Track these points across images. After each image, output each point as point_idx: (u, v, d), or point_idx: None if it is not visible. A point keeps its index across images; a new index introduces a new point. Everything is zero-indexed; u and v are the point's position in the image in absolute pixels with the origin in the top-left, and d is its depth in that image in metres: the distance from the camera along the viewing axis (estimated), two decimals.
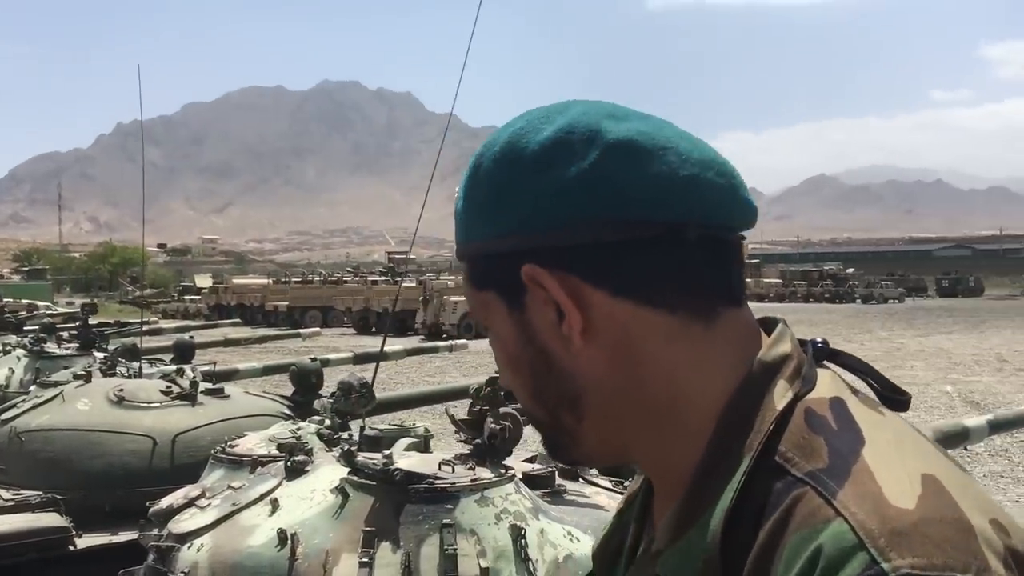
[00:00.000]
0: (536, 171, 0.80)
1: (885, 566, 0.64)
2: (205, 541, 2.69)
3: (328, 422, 3.57)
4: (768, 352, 0.81)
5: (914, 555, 0.64)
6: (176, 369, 5.85)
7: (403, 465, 2.68)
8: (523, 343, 0.85)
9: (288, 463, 2.85)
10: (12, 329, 10.44)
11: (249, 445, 3.42)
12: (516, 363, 0.87)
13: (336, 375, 7.23)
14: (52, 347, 7.95)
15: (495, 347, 0.89)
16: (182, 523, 2.81)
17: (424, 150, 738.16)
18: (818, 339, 0.84)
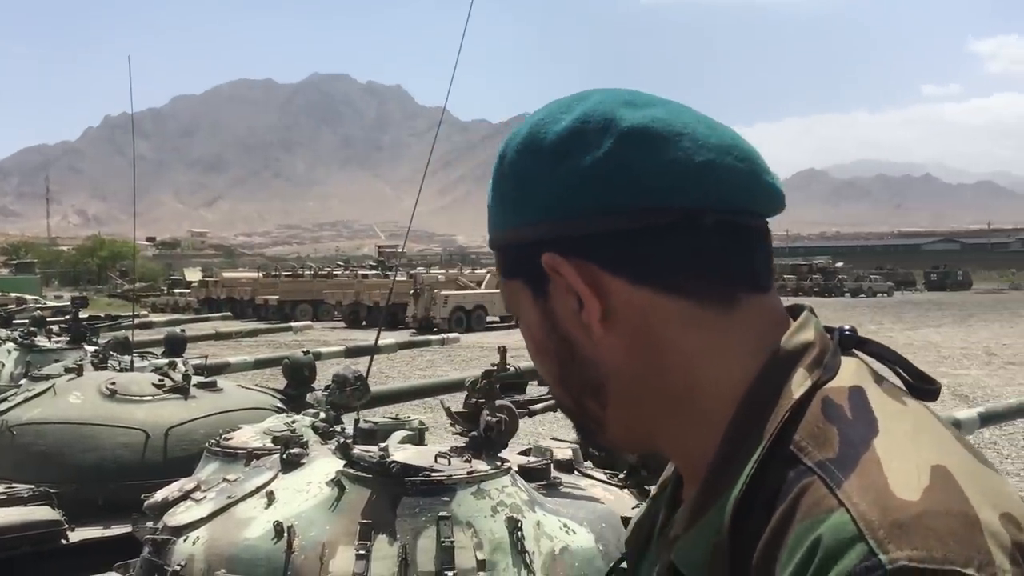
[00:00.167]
0: (554, 161, 0.81)
1: (882, 558, 0.64)
2: (201, 534, 2.68)
3: (323, 415, 3.57)
4: (789, 340, 0.81)
5: (913, 547, 0.64)
6: (168, 362, 5.83)
7: (399, 458, 2.68)
8: (548, 331, 0.86)
9: (284, 456, 2.84)
10: (1, 323, 10.39)
11: (244, 438, 3.42)
12: (543, 351, 0.88)
13: (327, 369, 7.23)
14: (43, 341, 7.92)
15: (524, 335, 0.90)
16: (178, 516, 2.81)
17: (414, 143, 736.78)
18: (846, 327, 0.84)
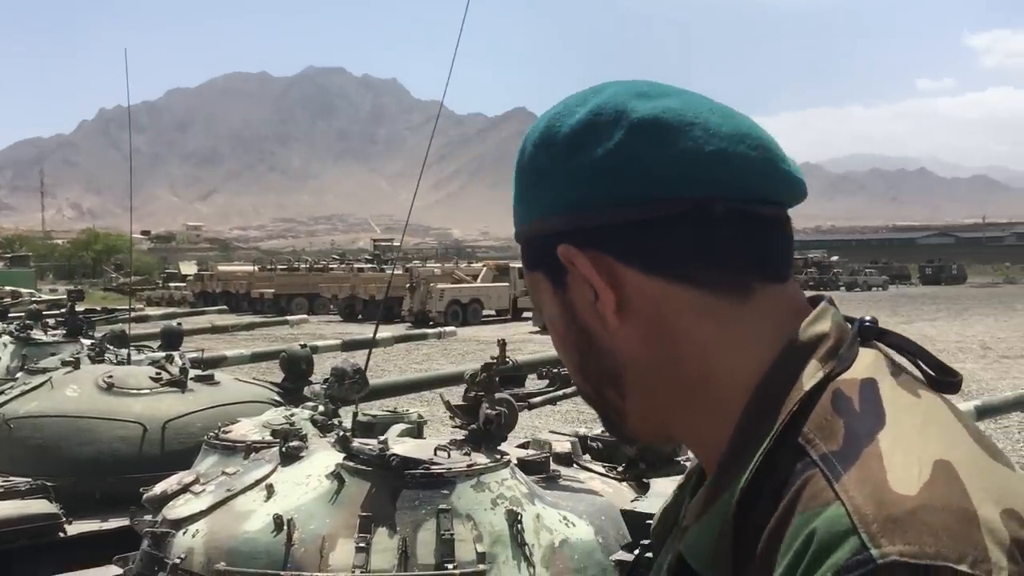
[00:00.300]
0: (568, 154, 0.82)
1: (874, 552, 0.64)
2: (200, 527, 2.68)
3: (321, 408, 3.57)
4: (804, 331, 0.81)
5: (906, 542, 0.64)
6: (165, 356, 5.82)
7: (399, 451, 2.69)
8: (567, 322, 0.86)
9: (283, 449, 2.84)
10: None
11: (243, 431, 3.41)
12: (564, 341, 0.88)
13: (324, 362, 7.21)
14: (39, 334, 7.90)
15: (548, 327, 0.91)
16: (177, 509, 2.81)
17: (409, 137, 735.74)
18: (867, 317, 0.83)
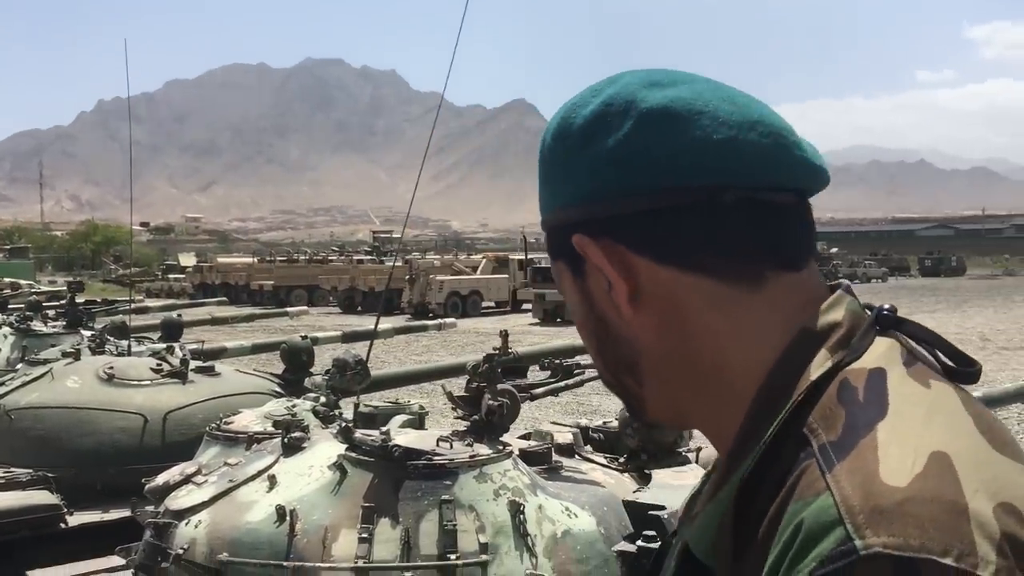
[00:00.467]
0: (582, 145, 0.83)
1: (858, 543, 0.63)
2: (203, 517, 2.68)
3: (323, 399, 3.57)
4: (816, 320, 0.81)
5: (890, 534, 0.63)
6: (165, 347, 5.82)
7: (401, 441, 2.69)
8: (586, 310, 0.88)
9: (285, 440, 2.84)
10: None
11: (244, 422, 3.42)
12: (584, 329, 0.90)
13: (324, 354, 7.19)
14: (39, 325, 7.90)
15: (571, 314, 0.92)
16: (179, 500, 2.81)
17: (408, 129, 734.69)
18: (886, 306, 0.82)
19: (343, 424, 2.83)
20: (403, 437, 2.78)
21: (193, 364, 5.40)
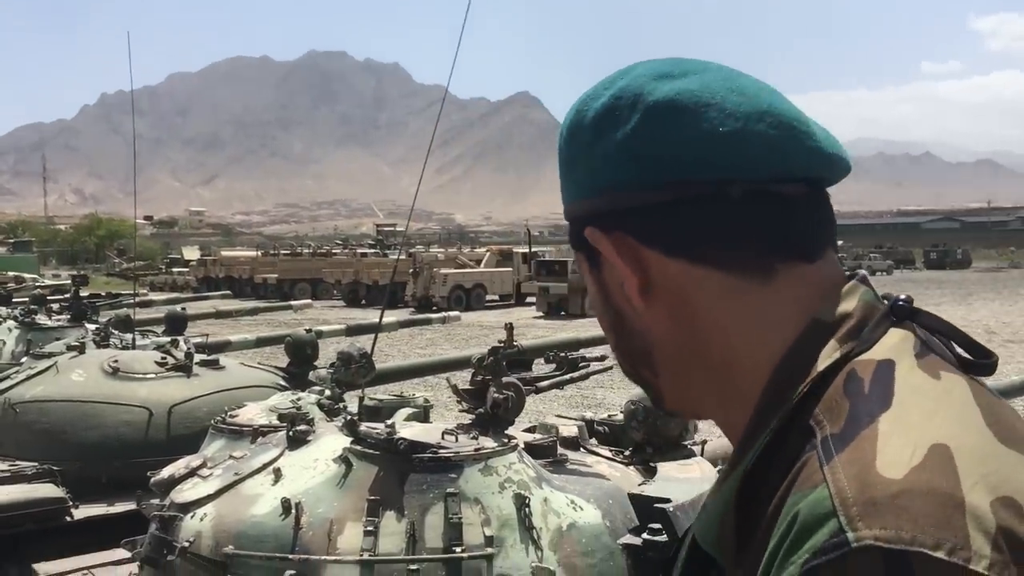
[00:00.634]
0: (593, 138, 0.83)
1: (850, 535, 0.63)
2: (208, 510, 2.68)
3: (328, 392, 3.57)
4: (827, 311, 0.80)
5: (882, 527, 0.62)
6: (170, 340, 5.83)
7: (406, 435, 2.68)
8: (603, 301, 0.89)
9: (290, 433, 2.84)
10: (1, 301, 10.39)
11: (249, 415, 3.41)
12: (602, 320, 0.91)
13: (328, 347, 7.19)
14: (43, 319, 7.91)
15: (591, 305, 0.94)
16: (184, 493, 2.81)
17: (411, 122, 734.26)
18: (902, 296, 0.82)
19: (348, 417, 2.83)
20: (408, 430, 2.77)
21: (197, 357, 5.40)
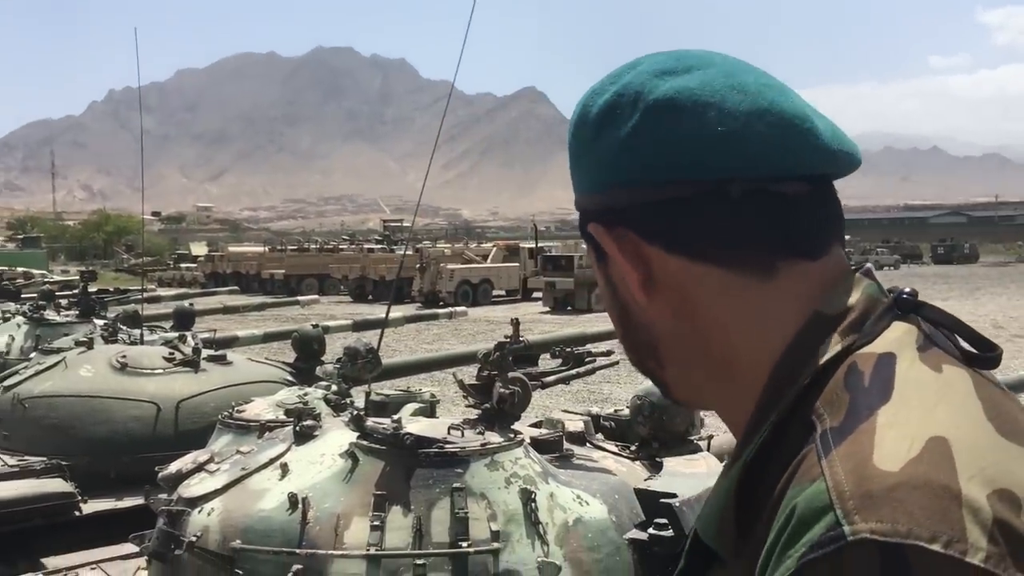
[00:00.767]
0: (596, 134, 0.84)
1: (846, 529, 0.63)
2: (216, 505, 2.69)
3: (334, 387, 3.58)
4: (829, 305, 0.80)
5: (878, 520, 0.62)
6: (178, 336, 5.84)
7: (412, 430, 2.69)
8: (610, 295, 0.90)
9: (297, 428, 2.85)
10: (10, 297, 10.44)
11: (256, 410, 3.42)
12: (610, 313, 0.92)
13: (335, 342, 7.20)
14: (52, 314, 7.94)
15: (601, 298, 0.94)
16: (192, 487, 2.82)
17: (418, 117, 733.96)
18: (906, 289, 0.82)
19: (354, 412, 2.84)
20: (414, 425, 2.78)
21: (205, 353, 5.42)
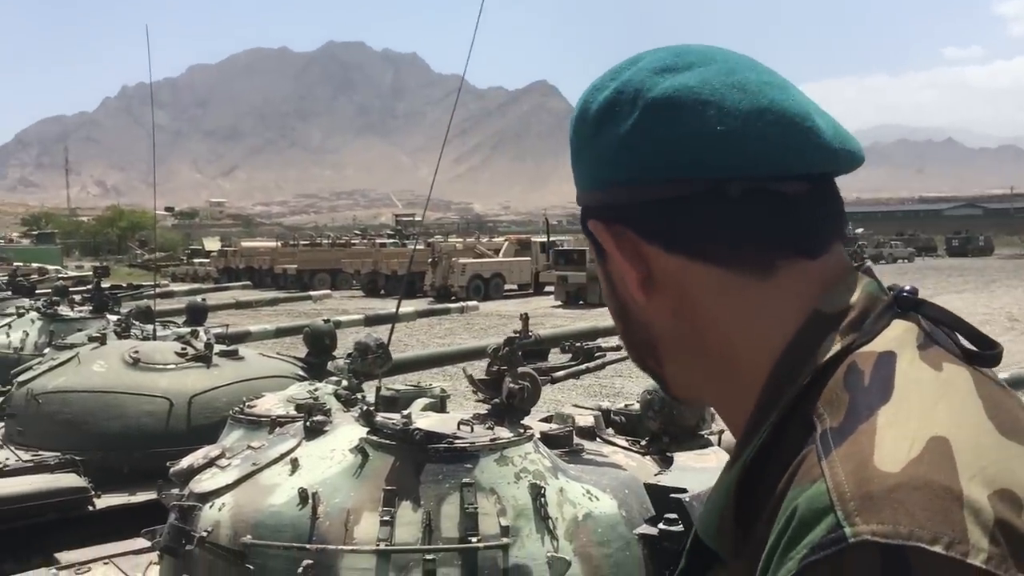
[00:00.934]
0: (595, 132, 0.84)
1: (847, 530, 0.62)
2: (227, 500, 2.70)
3: (345, 383, 3.59)
4: (829, 304, 0.80)
5: (879, 521, 0.62)
6: (190, 331, 5.86)
7: (422, 425, 2.69)
8: (610, 292, 0.90)
9: (307, 423, 2.85)
10: (24, 293, 10.50)
11: (267, 406, 3.43)
12: (610, 310, 0.92)
13: (347, 337, 7.22)
14: (65, 310, 7.98)
15: (603, 295, 0.94)
16: (203, 483, 2.83)
17: (430, 112, 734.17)
18: (906, 287, 0.81)
19: (365, 407, 2.84)
20: (424, 420, 2.78)
21: (217, 348, 5.43)
